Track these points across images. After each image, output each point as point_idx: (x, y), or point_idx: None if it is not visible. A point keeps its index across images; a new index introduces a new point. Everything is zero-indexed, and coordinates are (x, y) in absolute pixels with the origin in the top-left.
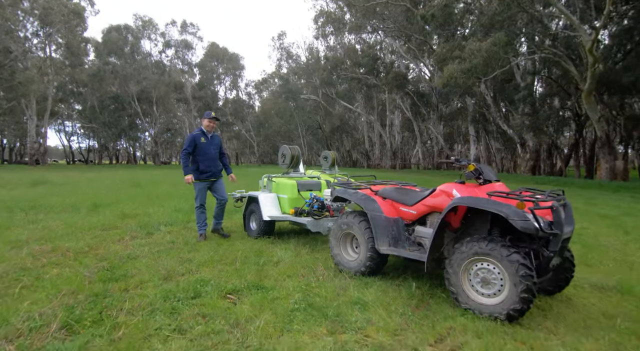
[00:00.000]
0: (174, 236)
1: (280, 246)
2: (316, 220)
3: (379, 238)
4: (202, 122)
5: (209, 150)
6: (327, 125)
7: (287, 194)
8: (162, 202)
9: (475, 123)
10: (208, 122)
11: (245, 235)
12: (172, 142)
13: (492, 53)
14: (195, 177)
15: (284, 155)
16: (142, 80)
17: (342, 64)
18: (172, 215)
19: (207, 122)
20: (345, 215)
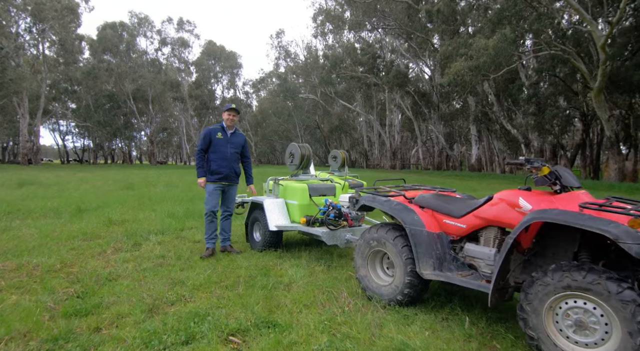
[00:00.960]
0: (165, 248)
1: (289, 261)
2: (332, 231)
3: (421, 259)
4: (222, 115)
5: (224, 149)
6: (325, 124)
7: (297, 200)
8: (155, 205)
9: (478, 122)
10: (227, 115)
11: (247, 247)
12: (168, 142)
13: (499, 50)
14: (207, 177)
15: (293, 154)
16: (137, 78)
17: (341, 63)
18: (165, 221)
19: (226, 115)
20: (375, 229)
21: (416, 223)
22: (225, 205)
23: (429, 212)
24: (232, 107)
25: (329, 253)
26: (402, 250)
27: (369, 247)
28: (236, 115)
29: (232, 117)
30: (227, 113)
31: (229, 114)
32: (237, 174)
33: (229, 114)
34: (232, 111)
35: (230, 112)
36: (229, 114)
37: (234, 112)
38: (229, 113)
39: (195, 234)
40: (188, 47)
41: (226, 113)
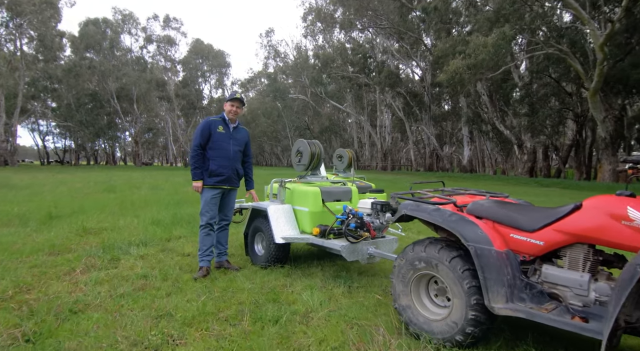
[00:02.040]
0: (148, 264)
1: (301, 281)
2: (353, 245)
3: (491, 288)
4: (224, 107)
5: (226, 146)
6: (315, 125)
7: (307, 206)
8: (137, 210)
9: (470, 123)
10: (230, 106)
11: (246, 261)
12: (153, 143)
13: (499, 48)
14: (204, 180)
15: (301, 152)
16: (121, 76)
17: (332, 62)
18: (148, 229)
19: (228, 106)
20: (422, 247)
21: (482, 241)
22: (223, 212)
23: (489, 224)
24: (237, 97)
25: (345, 269)
26: (464, 276)
27: (413, 270)
28: (240, 107)
29: (235, 108)
30: (230, 104)
31: (232, 105)
32: (240, 176)
33: (232, 105)
34: (236, 101)
35: (233, 102)
36: (232, 105)
37: (238, 102)
38: (232, 103)
39: (185, 245)
40: (175, 45)
41: (229, 103)
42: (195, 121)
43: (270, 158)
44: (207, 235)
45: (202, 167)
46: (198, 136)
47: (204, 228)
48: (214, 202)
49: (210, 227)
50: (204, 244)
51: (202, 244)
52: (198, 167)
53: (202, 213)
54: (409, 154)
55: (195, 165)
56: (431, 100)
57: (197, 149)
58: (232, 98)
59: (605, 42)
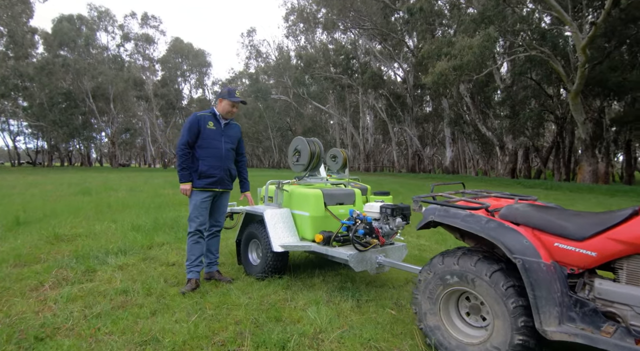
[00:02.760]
0: (128, 276)
1: (303, 294)
2: (361, 253)
3: (542, 308)
4: (219, 104)
5: (218, 144)
6: (298, 126)
7: (308, 210)
8: (115, 214)
9: (452, 125)
10: (230, 107)
11: (239, 271)
12: (131, 143)
13: (483, 49)
14: (193, 183)
15: (299, 151)
16: (97, 75)
17: (315, 63)
18: (128, 236)
19: (227, 107)
20: (455, 258)
21: (529, 252)
22: (214, 217)
23: (529, 232)
24: (240, 100)
25: (350, 279)
26: (508, 293)
27: (443, 285)
28: (238, 107)
29: (235, 109)
30: (231, 105)
31: (232, 106)
32: (233, 177)
33: (233, 106)
34: (238, 104)
35: (236, 104)
36: (232, 106)
37: (239, 104)
38: (235, 104)
39: (169, 253)
40: (153, 43)
41: (228, 103)
42: (174, 121)
43: (252, 159)
44: (196, 243)
45: (191, 167)
46: (185, 133)
47: (192, 235)
48: (204, 206)
49: (199, 234)
50: (193, 253)
51: (191, 253)
52: (186, 167)
53: (191, 219)
54: (391, 155)
55: (182, 165)
56: (413, 101)
57: (185, 148)
58: (236, 100)
59: (588, 44)
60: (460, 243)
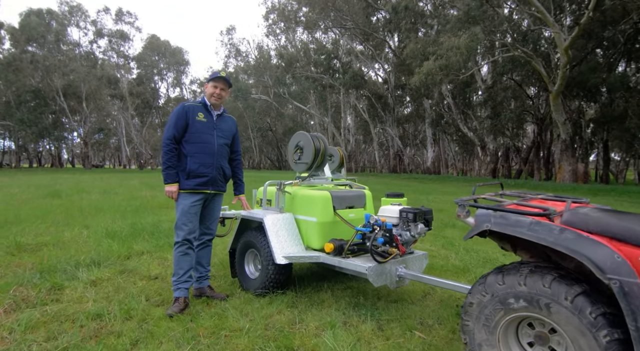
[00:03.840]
0: (102, 294)
1: (313, 314)
2: (381, 265)
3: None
4: (205, 89)
5: (209, 138)
6: (279, 126)
7: (315, 215)
8: (88, 219)
9: (434, 125)
10: (212, 88)
11: (233, 284)
12: (105, 144)
13: (470, 49)
14: (180, 184)
15: (301, 147)
16: (69, 72)
17: (297, 62)
18: (102, 244)
19: (210, 88)
20: (520, 277)
21: (624, 271)
22: (205, 224)
23: (611, 244)
24: (221, 76)
25: (362, 293)
26: (598, 324)
27: (504, 310)
28: (226, 89)
29: (219, 90)
30: (213, 85)
31: (214, 86)
32: (227, 178)
33: (215, 86)
34: (220, 81)
35: (216, 82)
36: (214, 86)
37: (223, 82)
38: (215, 84)
39: (150, 264)
40: (128, 40)
41: (210, 84)
42: (150, 121)
43: None
44: (184, 255)
45: (178, 166)
46: (171, 126)
47: (180, 245)
48: (194, 211)
49: (188, 244)
50: (181, 267)
51: (178, 267)
52: (172, 165)
53: (178, 227)
54: (371, 156)
55: (168, 163)
56: (395, 102)
57: (171, 143)
58: (214, 77)
59: (570, 45)
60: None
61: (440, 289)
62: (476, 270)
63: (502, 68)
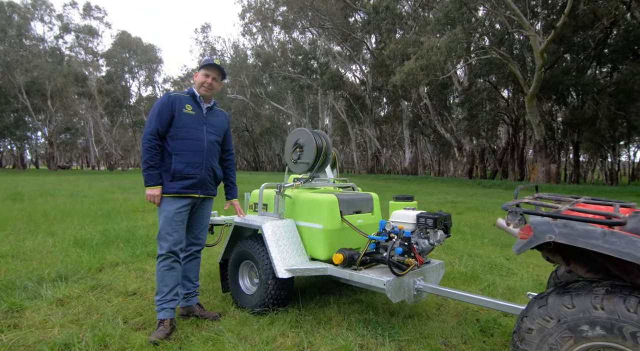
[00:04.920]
0: (71, 316)
1: (322, 335)
2: (399, 278)
3: None
4: (194, 78)
5: (198, 134)
6: (256, 127)
7: (320, 221)
8: (53, 225)
9: (412, 127)
10: (204, 77)
11: (226, 301)
12: (72, 144)
13: (450, 50)
14: (163, 187)
15: (301, 145)
16: (32, 69)
17: (274, 62)
18: (70, 254)
19: (201, 77)
20: (596, 297)
21: None
22: (193, 233)
23: None
24: (213, 63)
25: (372, 307)
26: None
27: (573, 338)
28: (218, 80)
29: (210, 80)
30: (204, 74)
31: (206, 75)
32: (218, 180)
33: (207, 75)
34: (213, 69)
35: (208, 70)
36: (206, 75)
37: (216, 71)
38: (207, 72)
39: (127, 277)
40: (97, 36)
41: (202, 72)
42: (121, 121)
43: None
44: (169, 270)
45: (161, 166)
46: (154, 119)
47: (164, 258)
48: (179, 218)
49: (174, 257)
50: (165, 284)
51: (162, 284)
52: (154, 165)
53: (162, 237)
54: (348, 157)
55: (149, 162)
56: (372, 103)
57: (153, 139)
58: (206, 64)
59: (546, 48)
60: None
61: (454, 300)
62: (485, 277)
63: (480, 70)
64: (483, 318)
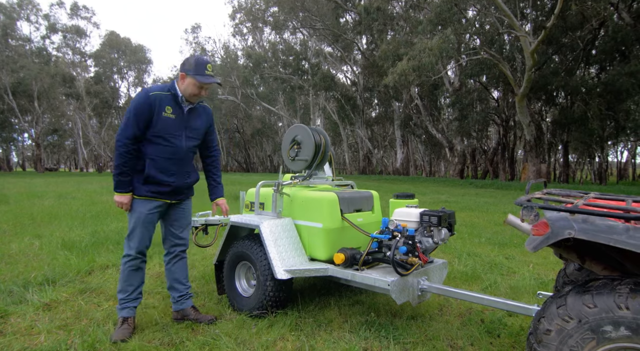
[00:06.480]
0: (59, 322)
1: (323, 338)
2: (403, 278)
3: None
4: (180, 81)
5: (177, 140)
6: (247, 128)
7: (320, 220)
8: (40, 228)
9: (403, 127)
10: (197, 89)
11: (222, 304)
12: (60, 146)
13: (442, 50)
14: (135, 190)
15: (299, 142)
16: (18, 69)
17: (265, 62)
18: (58, 257)
19: (195, 88)
20: (620, 296)
21: None
22: (175, 233)
23: None
24: (214, 80)
25: (372, 307)
26: None
27: (595, 339)
28: (207, 91)
29: (204, 92)
30: (198, 86)
31: (200, 87)
32: (193, 183)
33: (202, 88)
34: (210, 87)
35: (207, 85)
36: (200, 87)
37: (211, 86)
38: (206, 86)
39: (117, 280)
40: (85, 36)
41: (193, 83)
42: (110, 122)
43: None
44: (135, 270)
45: (134, 169)
46: (131, 122)
47: (131, 259)
48: (150, 219)
49: (142, 258)
50: (130, 284)
51: (127, 284)
52: (126, 172)
53: (131, 238)
54: (340, 157)
55: (122, 168)
56: (364, 104)
57: (130, 144)
58: (207, 82)
59: (536, 48)
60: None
61: (456, 300)
62: (485, 276)
63: (471, 71)
64: (488, 319)
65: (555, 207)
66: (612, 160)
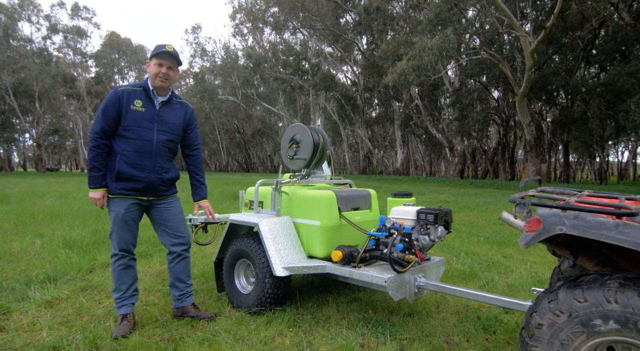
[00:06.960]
0: (60, 318)
1: (321, 335)
2: (400, 275)
3: None
4: (147, 67)
5: (147, 133)
6: (247, 128)
7: (318, 218)
8: (42, 227)
9: (404, 127)
10: (157, 67)
11: (221, 301)
12: (61, 146)
13: (442, 50)
14: (109, 189)
15: (297, 141)
16: (19, 70)
17: (265, 63)
18: (59, 255)
19: (154, 67)
20: (610, 290)
21: None
22: (171, 231)
23: None
24: (166, 51)
25: (370, 305)
26: None
27: (586, 333)
28: (174, 68)
29: (165, 69)
30: (157, 63)
31: (159, 64)
32: (172, 180)
33: (160, 64)
34: (166, 57)
35: (161, 59)
36: (159, 64)
37: (169, 59)
38: (160, 61)
39: None
40: (86, 37)
41: (154, 62)
42: None
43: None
44: (125, 268)
45: (107, 164)
46: (100, 117)
47: (119, 258)
48: (130, 217)
49: (129, 255)
50: (123, 282)
51: (120, 282)
52: (98, 166)
53: (111, 237)
54: (340, 157)
55: (93, 162)
56: (364, 104)
57: (98, 138)
58: (158, 52)
59: (536, 48)
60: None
61: (453, 297)
62: (483, 274)
63: (471, 70)
64: (484, 316)
65: (547, 203)
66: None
